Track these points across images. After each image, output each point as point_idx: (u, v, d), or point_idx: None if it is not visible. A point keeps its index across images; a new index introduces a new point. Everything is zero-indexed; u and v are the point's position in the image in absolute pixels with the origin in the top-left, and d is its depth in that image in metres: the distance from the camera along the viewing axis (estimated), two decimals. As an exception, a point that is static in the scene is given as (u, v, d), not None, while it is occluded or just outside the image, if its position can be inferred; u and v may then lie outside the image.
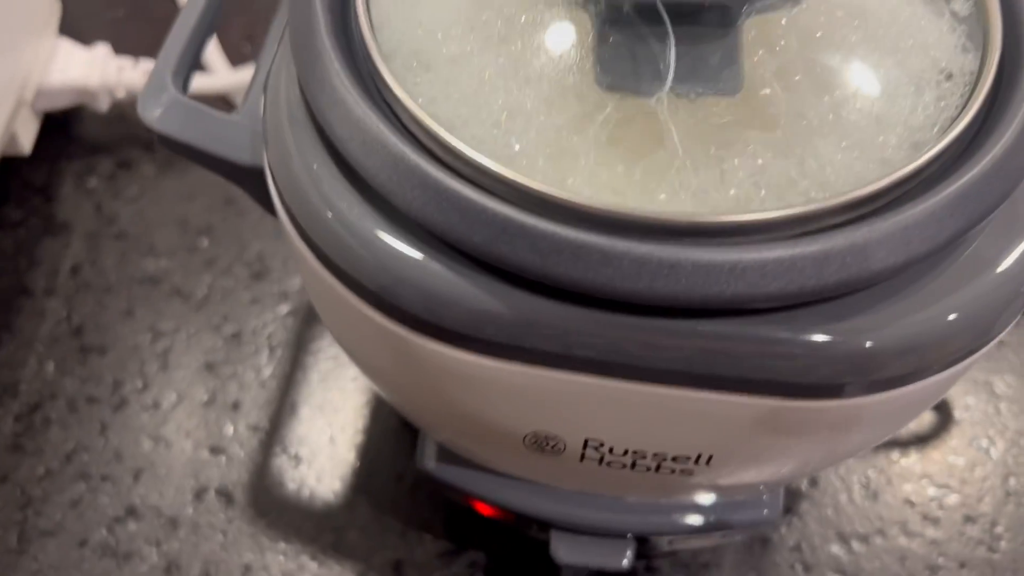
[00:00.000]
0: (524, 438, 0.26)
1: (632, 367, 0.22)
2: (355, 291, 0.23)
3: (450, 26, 0.25)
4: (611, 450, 0.26)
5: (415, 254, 0.22)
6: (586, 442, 0.26)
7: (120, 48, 0.47)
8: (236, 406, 0.40)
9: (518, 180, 0.21)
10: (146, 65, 0.46)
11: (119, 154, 0.47)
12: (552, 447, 0.26)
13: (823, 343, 0.21)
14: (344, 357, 0.41)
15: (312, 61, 0.24)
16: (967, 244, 0.22)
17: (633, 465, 0.27)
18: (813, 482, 0.38)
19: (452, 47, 0.24)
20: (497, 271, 0.21)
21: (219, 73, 0.48)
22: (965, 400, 0.41)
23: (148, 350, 0.41)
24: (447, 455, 0.31)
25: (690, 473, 0.27)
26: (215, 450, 0.39)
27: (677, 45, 0.24)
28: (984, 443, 0.40)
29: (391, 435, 0.39)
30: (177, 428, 0.39)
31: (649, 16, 0.24)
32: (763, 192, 0.22)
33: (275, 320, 0.42)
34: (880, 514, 0.38)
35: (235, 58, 0.49)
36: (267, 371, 0.41)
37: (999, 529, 0.37)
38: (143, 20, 0.52)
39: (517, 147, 0.23)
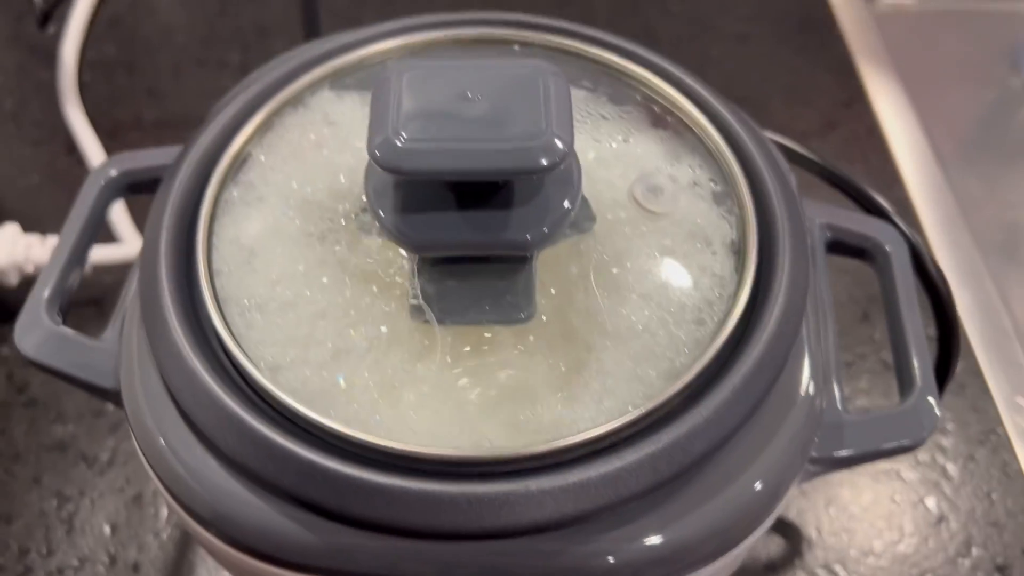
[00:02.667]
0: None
1: (431, 584, 0.25)
2: (192, 517, 0.26)
3: (280, 274, 0.28)
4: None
5: (239, 490, 0.25)
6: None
7: (31, 220, 0.50)
8: (136, 568, 0.43)
9: (320, 422, 0.25)
10: (53, 240, 0.49)
11: (30, 322, 0.50)
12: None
13: (590, 555, 0.25)
14: (238, 515, 0.44)
15: (154, 311, 0.27)
16: (718, 458, 0.26)
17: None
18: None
19: (281, 292, 0.28)
20: (308, 505, 0.25)
21: (128, 243, 0.51)
22: (815, 526, 0.44)
23: (54, 516, 0.44)
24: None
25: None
26: (115, 613, 0.41)
27: (478, 280, 0.28)
28: (834, 567, 0.43)
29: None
30: (79, 594, 0.42)
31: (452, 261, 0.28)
32: (545, 416, 0.26)
33: (175, 481, 0.45)
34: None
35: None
36: (165, 533, 0.44)
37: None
38: (57, 189, 0.56)
39: (335, 383, 0.27)
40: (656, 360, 0.27)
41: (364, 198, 0.28)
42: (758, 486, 0.26)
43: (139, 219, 0.52)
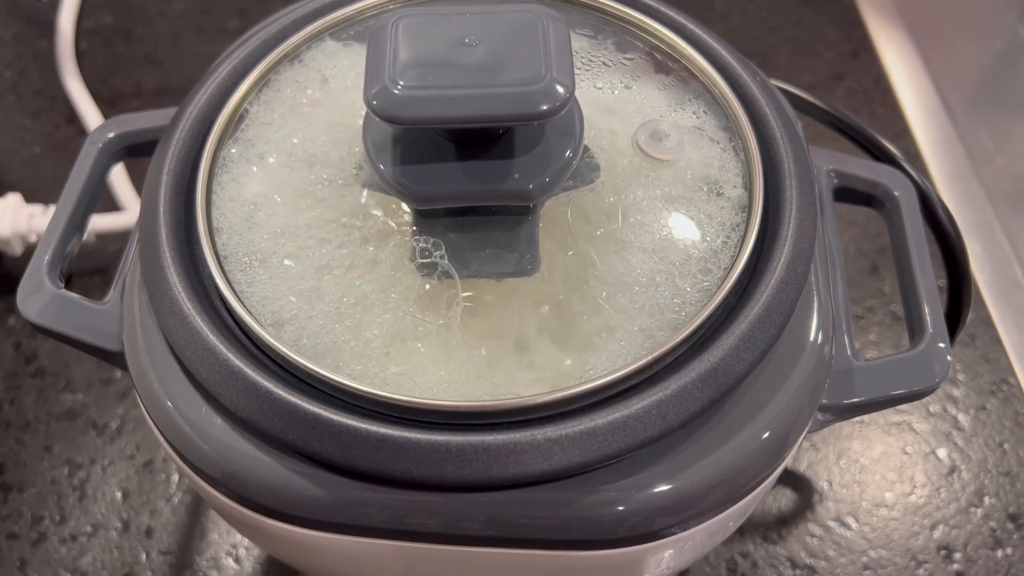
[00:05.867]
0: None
1: (438, 534, 0.25)
2: (200, 476, 0.26)
3: (281, 228, 0.28)
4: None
5: (246, 447, 0.25)
6: (426, 584, 0.29)
7: (33, 190, 0.50)
8: (149, 533, 0.43)
9: (325, 375, 0.25)
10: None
11: (36, 292, 0.50)
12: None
13: (598, 504, 0.25)
14: (249, 479, 0.44)
15: (154, 270, 0.27)
16: (726, 406, 0.26)
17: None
18: (683, 571, 0.42)
19: (283, 247, 0.28)
20: (316, 459, 0.25)
21: (131, 211, 0.51)
22: (826, 478, 0.44)
23: (65, 484, 0.44)
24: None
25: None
26: (130, 577, 0.42)
27: (481, 232, 0.28)
28: (846, 520, 0.43)
29: (294, 551, 0.42)
30: (93, 560, 0.42)
31: (455, 213, 0.28)
32: (547, 372, 0.26)
33: (184, 446, 0.45)
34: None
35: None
36: (176, 497, 0.44)
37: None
38: (58, 158, 0.55)
39: (340, 336, 0.26)
40: (662, 311, 0.26)
41: (363, 151, 0.28)
42: (767, 434, 0.26)
43: (141, 187, 0.52)
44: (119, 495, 0.44)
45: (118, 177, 0.51)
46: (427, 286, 0.27)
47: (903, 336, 0.48)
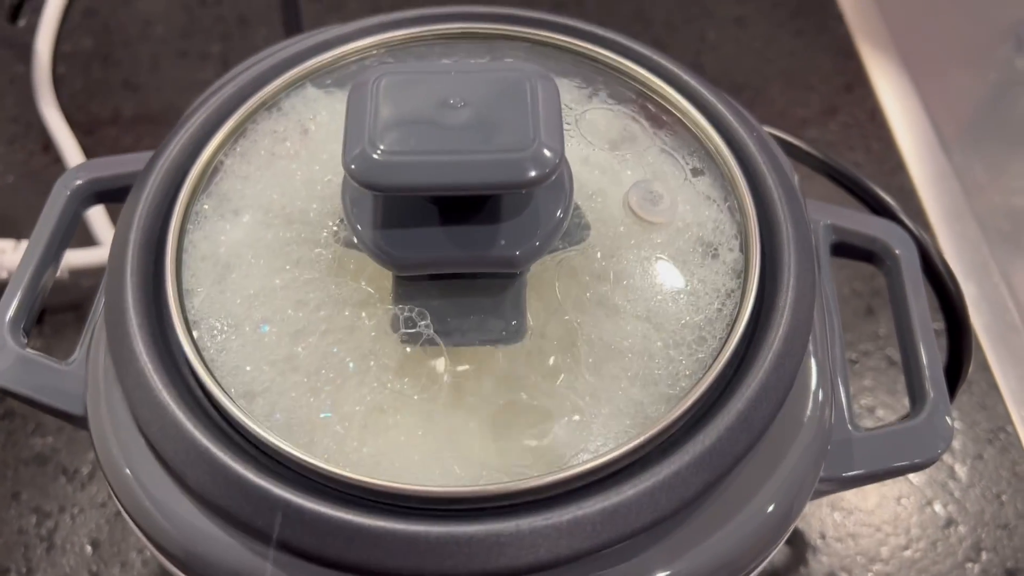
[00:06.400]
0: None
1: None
2: (164, 555, 0.25)
3: (255, 292, 0.27)
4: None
5: (212, 530, 0.24)
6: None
7: (5, 220, 0.48)
8: (119, 587, 0.41)
9: (297, 456, 0.23)
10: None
11: (6, 329, 0.48)
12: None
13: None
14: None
15: (119, 337, 0.26)
16: (720, 488, 0.25)
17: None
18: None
19: (256, 312, 0.26)
20: (286, 547, 0.23)
21: (106, 245, 0.49)
22: (820, 532, 0.43)
23: (33, 533, 0.42)
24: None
25: None
26: (98, 634, 0.40)
27: (465, 298, 0.27)
28: (840, 574, 0.42)
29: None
30: (60, 614, 0.40)
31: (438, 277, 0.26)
32: (537, 445, 0.24)
33: (158, 494, 0.43)
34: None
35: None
36: (148, 550, 0.42)
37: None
38: (32, 188, 0.54)
39: (314, 410, 0.25)
40: (655, 382, 0.25)
41: (342, 212, 0.26)
42: (767, 511, 0.25)
43: (117, 221, 0.51)
44: (88, 547, 0.42)
45: (94, 210, 0.50)
46: (408, 355, 0.26)
47: (898, 381, 0.47)
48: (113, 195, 0.34)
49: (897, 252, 0.32)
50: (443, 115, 0.24)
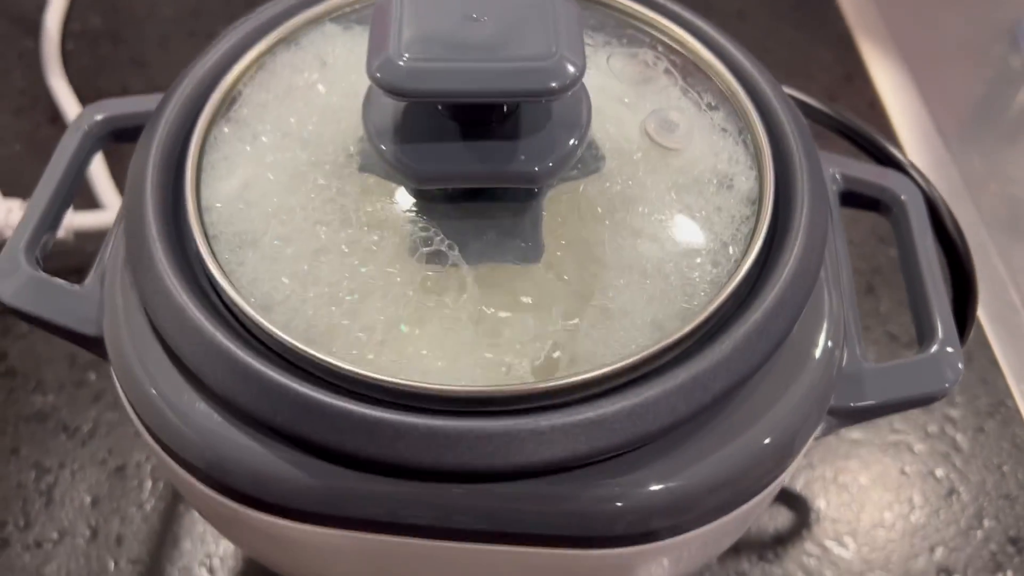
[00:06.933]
0: (357, 586, 0.28)
1: (432, 528, 0.24)
2: (183, 466, 0.25)
3: (274, 209, 0.27)
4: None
5: (231, 433, 0.24)
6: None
7: (12, 187, 0.48)
8: (119, 541, 0.41)
9: (318, 357, 0.23)
10: (34, 206, 0.47)
11: (10, 291, 0.48)
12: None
13: (598, 499, 0.23)
14: (226, 487, 0.42)
15: (139, 245, 0.26)
16: (734, 403, 0.25)
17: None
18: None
19: (275, 228, 0.27)
20: (306, 446, 0.23)
21: (111, 208, 0.49)
22: (823, 498, 0.43)
23: (32, 488, 0.42)
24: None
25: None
26: (96, 587, 0.40)
27: (483, 220, 0.27)
28: (844, 540, 0.42)
29: (271, 563, 0.40)
30: (59, 567, 0.40)
31: (454, 191, 0.27)
32: (556, 356, 0.25)
33: (159, 452, 0.43)
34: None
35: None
36: (149, 504, 0.42)
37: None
38: (38, 157, 0.54)
39: (335, 320, 0.25)
40: (671, 301, 0.25)
41: (363, 132, 0.27)
42: (775, 434, 0.25)
43: (122, 184, 0.51)
44: (88, 501, 0.42)
45: (99, 174, 0.50)
46: (427, 271, 0.26)
47: (900, 356, 0.48)
48: (128, 134, 0.34)
49: (904, 199, 0.33)
50: (466, 28, 0.25)
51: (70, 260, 0.50)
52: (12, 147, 0.55)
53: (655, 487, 0.24)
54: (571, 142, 0.26)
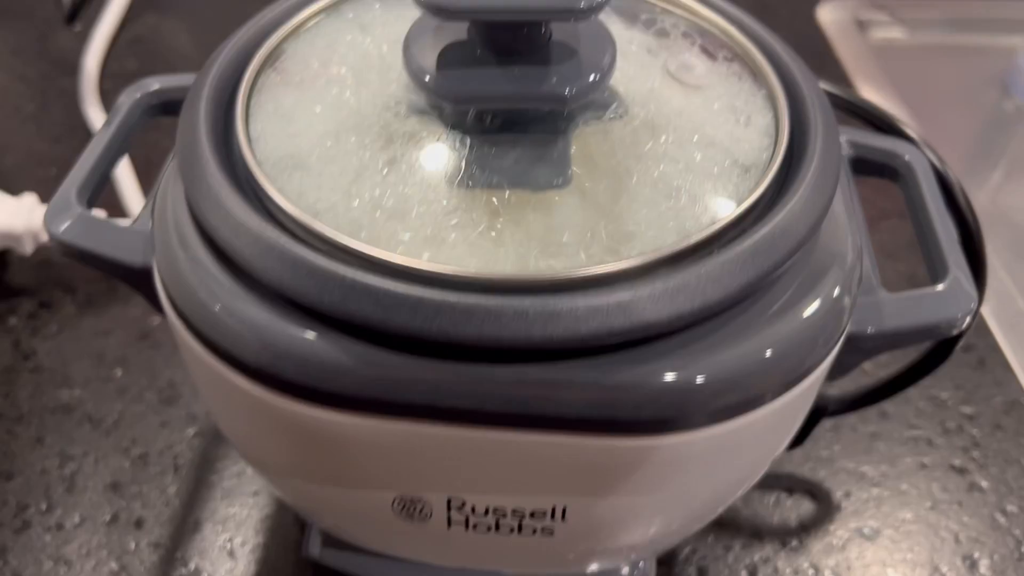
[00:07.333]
0: (392, 503, 0.28)
1: (471, 412, 0.24)
2: (233, 365, 0.26)
3: (319, 136, 0.29)
4: (473, 510, 0.28)
5: (282, 324, 0.25)
6: (449, 503, 0.28)
7: (46, 188, 0.50)
8: (139, 524, 0.41)
9: (363, 248, 0.25)
10: (70, 211, 0.49)
11: (41, 295, 0.50)
12: (420, 512, 0.28)
13: (634, 382, 0.24)
14: (247, 472, 0.42)
15: (193, 165, 0.27)
16: (765, 294, 0.26)
17: (497, 526, 0.28)
18: (701, 572, 0.40)
19: (320, 151, 0.28)
20: (352, 331, 0.24)
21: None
22: (844, 488, 0.43)
23: (55, 474, 0.42)
24: (332, 541, 0.32)
25: (551, 532, 0.29)
26: (116, 568, 0.39)
27: (513, 148, 0.28)
28: (866, 530, 0.42)
29: (290, 547, 0.40)
30: (79, 548, 0.40)
31: (490, 123, 0.28)
32: (589, 252, 0.26)
33: (182, 441, 0.44)
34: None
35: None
36: (172, 489, 0.42)
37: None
38: (73, 176, 0.56)
39: (377, 227, 0.26)
40: (697, 218, 0.26)
41: (404, 67, 0.28)
42: (798, 334, 0.26)
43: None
44: (111, 486, 0.42)
45: (127, 183, 0.52)
46: (463, 189, 0.27)
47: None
48: (177, 107, 0.36)
49: (912, 164, 0.34)
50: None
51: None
52: (49, 170, 0.57)
53: (683, 372, 0.24)
54: (597, 71, 0.28)
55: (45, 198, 0.50)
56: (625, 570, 0.36)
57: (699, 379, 0.24)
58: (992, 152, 0.66)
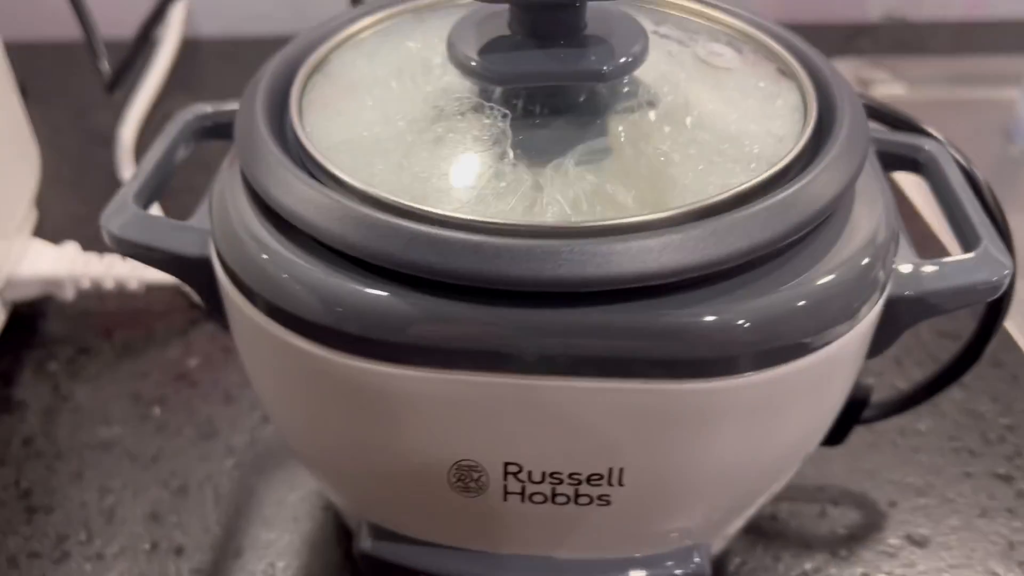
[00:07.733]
0: (449, 473, 0.28)
1: (530, 358, 0.25)
2: (297, 330, 0.26)
3: (369, 122, 0.30)
4: (530, 475, 0.28)
5: (341, 280, 0.26)
6: (506, 469, 0.28)
7: (87, 245, 0.52)
8: (179, 551, 0.40)
9: (418, 205, 0.26)
10: (110, 258, 0.50)
11: (80, 341, 0.50)
12: (477, 481, 0.28)
13: (683, 322, 0.25)
14: (287, 499, 0.42)
15: (252, 146, 0.29)
16: (806, 248, 0.27)
17: (554, 496, 0.28)
18: (752, 582, 0.39)
19: (371, 134, 0.30)
20: (413, 283, 0.25)
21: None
22: (890, 498, 0.42)
23: (95, 507, 0.42)
24: (383, 534, 0.32)
25: (607, 501, 0.28)
26: (156, 595, 0.39)
27: (558, 127, 0.30)
28: (916, 538, 0.41)
29: (333, 570, 0.40)
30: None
31: (532, 106, 0.30)
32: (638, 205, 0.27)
33: (222, 473, 0.43)
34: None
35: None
36: (212, 518, 0.41)
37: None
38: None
39: (428, 194, 0.27)
40: (737, 178, 0.27)
41: (449, 55, 0.30)
42: (837, 285, 0.26)
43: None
44: (150, 516, 0.42)
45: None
46: (507, 163, 0.28)
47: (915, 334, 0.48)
48: (221, 130, 0.37)
49: (935, 153, 0.36)
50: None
51: (138, 316, 0.52)
52: (89, 229, 0.58)
53: (727, 314, 0.25)
54: (631, 54, 0.29)
55: (87, 248, 0.51)
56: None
57: (742, 321, 0.25)
58: (1000, 195, 0.68)
